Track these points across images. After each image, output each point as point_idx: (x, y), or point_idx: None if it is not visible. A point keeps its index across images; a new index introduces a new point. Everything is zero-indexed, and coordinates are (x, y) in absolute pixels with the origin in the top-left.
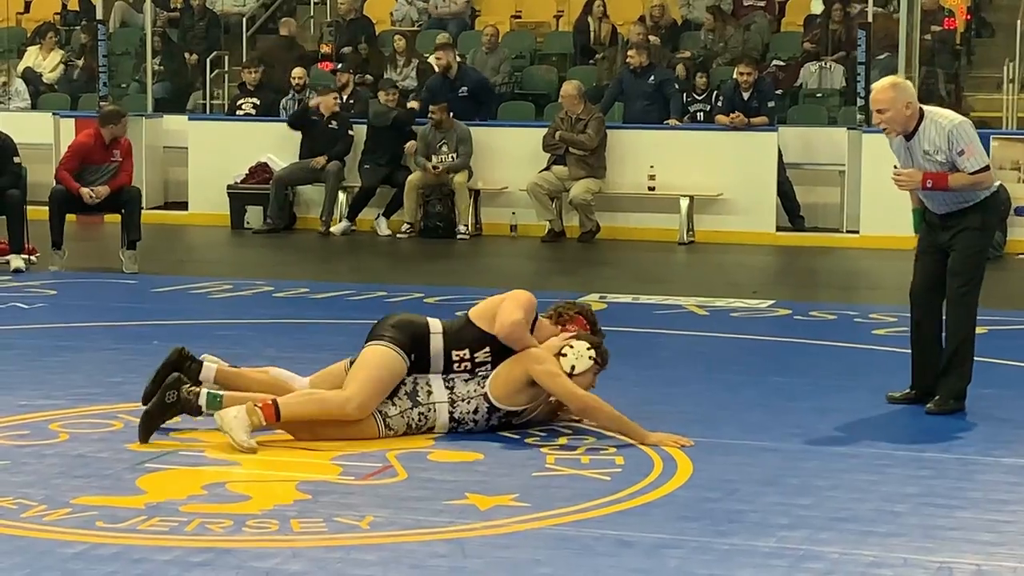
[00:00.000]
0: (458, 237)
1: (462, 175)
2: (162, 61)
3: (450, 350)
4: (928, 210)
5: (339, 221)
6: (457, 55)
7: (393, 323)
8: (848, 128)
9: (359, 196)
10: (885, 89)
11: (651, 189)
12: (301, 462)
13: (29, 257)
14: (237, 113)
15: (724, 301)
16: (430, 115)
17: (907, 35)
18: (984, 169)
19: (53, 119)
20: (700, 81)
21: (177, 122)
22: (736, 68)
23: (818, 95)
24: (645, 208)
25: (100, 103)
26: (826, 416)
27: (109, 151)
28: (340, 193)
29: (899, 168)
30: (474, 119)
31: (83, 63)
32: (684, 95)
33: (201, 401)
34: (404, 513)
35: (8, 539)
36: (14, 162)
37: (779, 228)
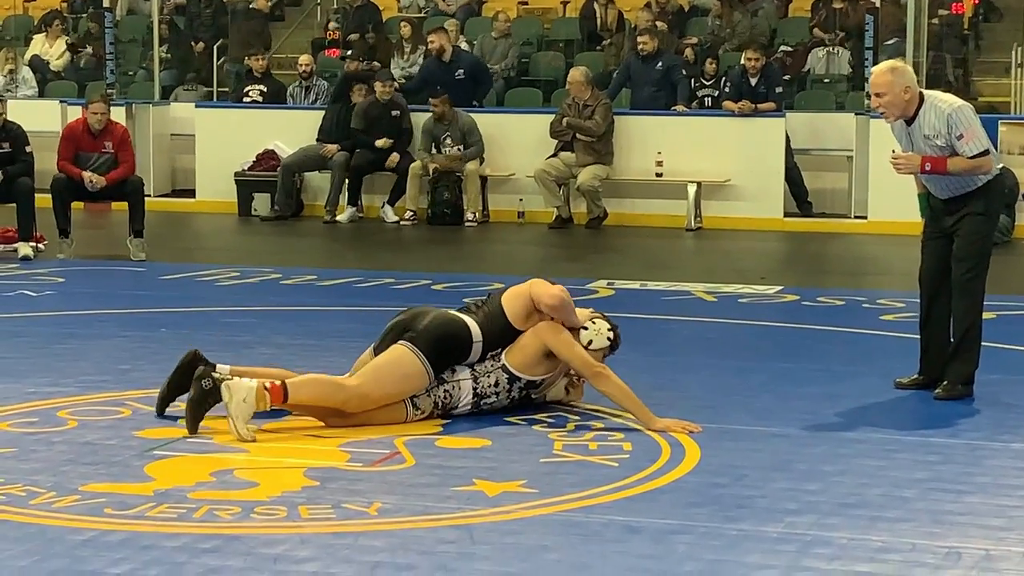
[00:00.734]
0: (466, 224)
1: (474, 163)
2: (169, 49)
3: (486, 353)
4: (932, 195)
5: (344, 210)
6: (450, 38)
7: (433, 331)
8: (856, 113)
9: (353, 179)
10: (883, 73)
11: (659, 175)
12: (309, 449)
13: (37, 245)
14: (244, 100)
15: (732, 287)
16: (432, 109)
17: (915, 20)
18: (983, 153)
19: (60, 107)
20: (710, 67)
21: (184, 109)
22: (744, 54)
23: (826, 80)
24: (653, 194)
25: (107, 90)
26: (834, 402)
27: (99, 141)
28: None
29: (897, 152)
30: (472, 102)
31: (90, 51)
32: (692, 81)
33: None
34: (412, 499)
35: (17, 526)
36: (25, 151)
37: (787, 214)
